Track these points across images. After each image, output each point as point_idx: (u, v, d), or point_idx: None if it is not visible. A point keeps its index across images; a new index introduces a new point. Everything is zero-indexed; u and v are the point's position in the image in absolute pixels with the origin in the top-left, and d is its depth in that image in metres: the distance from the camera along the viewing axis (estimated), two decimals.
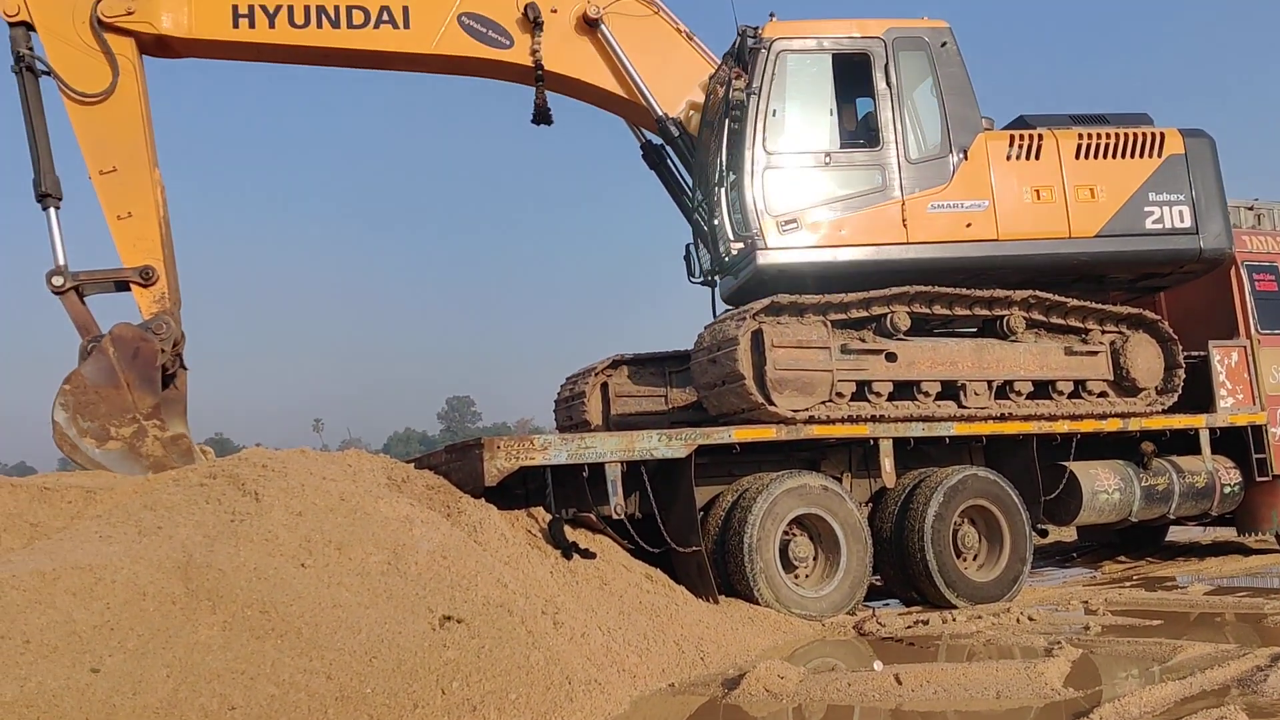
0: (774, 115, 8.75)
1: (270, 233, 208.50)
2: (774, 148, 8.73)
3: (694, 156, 9.46)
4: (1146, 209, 9.46)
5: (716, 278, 9.77)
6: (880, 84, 9.04)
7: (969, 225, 9.03)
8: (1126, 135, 9.58)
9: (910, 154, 8.99)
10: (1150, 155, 9.58)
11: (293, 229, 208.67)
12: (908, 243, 8.87)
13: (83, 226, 8.86)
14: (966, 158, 9.13)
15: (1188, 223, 9.52)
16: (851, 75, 9.15)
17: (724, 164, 8.80)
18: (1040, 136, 9.42)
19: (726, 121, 8.65)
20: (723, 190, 8.90)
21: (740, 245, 8.79)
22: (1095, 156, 9.45)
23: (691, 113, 9.48)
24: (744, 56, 8.75)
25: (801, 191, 8.76)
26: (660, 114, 9.34)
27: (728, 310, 9.12)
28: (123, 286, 8.13)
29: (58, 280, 7.93)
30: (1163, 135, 9.67)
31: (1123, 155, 9.52)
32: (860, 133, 9.36)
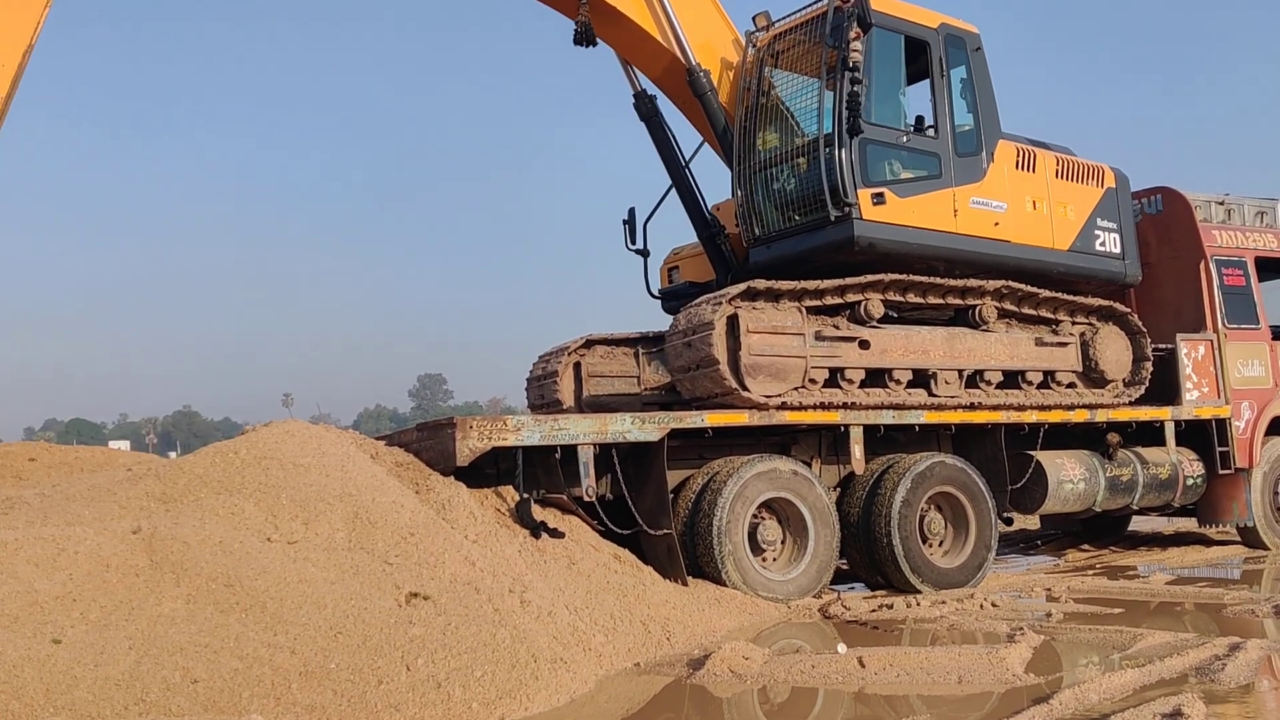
0: (867, 87, 8.68)
1: (240, 205, 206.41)
2: (869, 119, 8.64)
3: (724, 119, 9.36)
4: (1095, 232, 10.06)
5: (742, 245, 9.51)
6: (936, 75, 9.16)
7: (996, 224, 9.31)
8: (1084, 165, 10.11)
9: (958, 148, 9.17)
10: (1097, 184, 10.18)
11: (265, 202, 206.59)
12: (957, 233, 9.05)
13: None
14: (994, 160, 9.36)
15: (1118, 250, 10.19)
16: (912, 61, 9.23)
17: (821, 125, 8.66)
18: (1034, 153, 9.72)
19: (840, 83, 8.44)
20: (820, 151, 8.59)
21: (838, 212, 8.49)
22: (1066, 179, 9.94)
23: (726, 73, 9.46)
24: (866, 19, 8.47)
25: (887, 167, 8.84)
26: (694, 63, 9.27)
27: (701, 293, 9.08)
28: None
29: None
30: (1103, 169, 10.25)
31: (1082, 181, 10.06)
32: (919, 120, 9.46)
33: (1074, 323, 9.84)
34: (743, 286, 8.22)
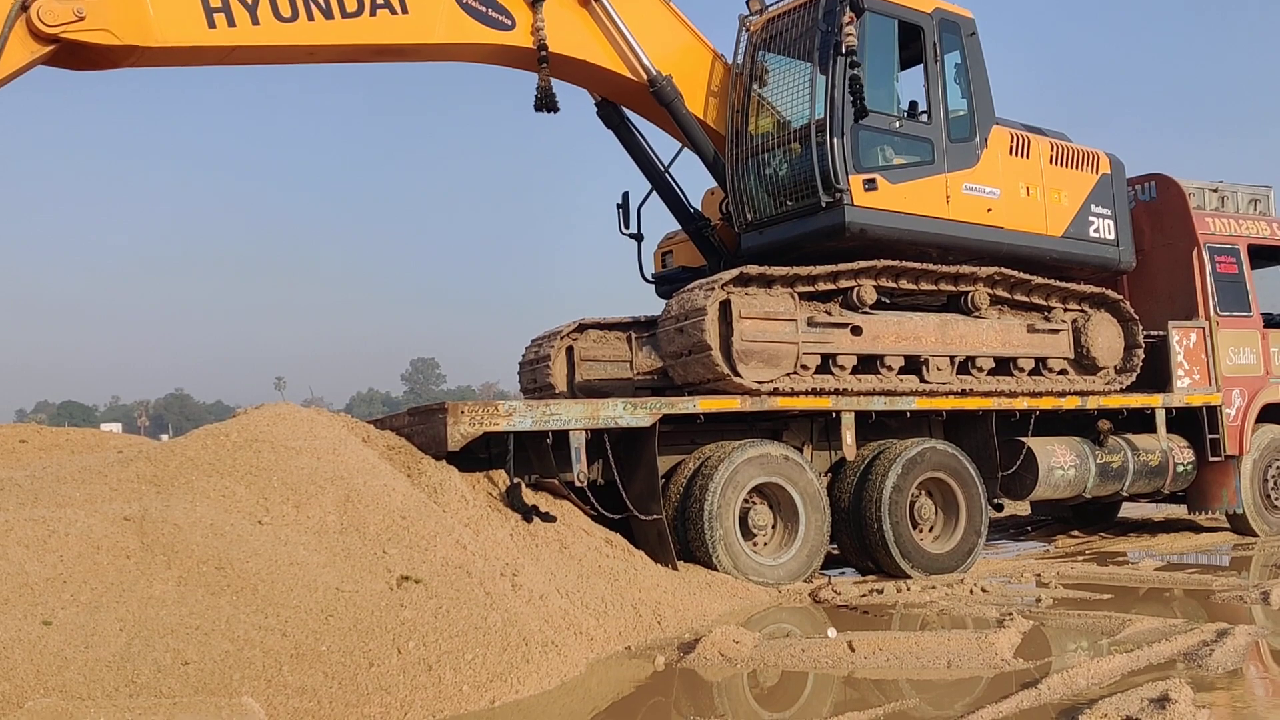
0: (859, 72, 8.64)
1: (233, 189, 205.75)
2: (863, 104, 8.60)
3: (695, 124, 9.20)
4: (1089, 219, 10.06)
5: (737, 233, 9.39)
6: (930, 60, 9.13)
7: (989, 210, 9.32)
8: (1078, 151, 10.10)
9: (951, 134, 9.15)
10: (1092, 171, 10.17)
11: (259, 186, 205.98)
12: (950, 219, 9.05)
13: None
14: (987, 145, 9.35)
15: (1112, 236, 10.20)
16: (905, 46, 9.20)
17: (813, 111, 8.59)
18: (1029, 139, 9.71)
19: (834, 67, 8.44)
20: (812, 137, 8.53)
21: (829, 198, 8.46)
22: (1061, 165, 9.93)
23: (692, 78, 9.31)
24: (859, 4, 8.44)
25: (879, 153, 8.82)
26: (655, 73, 8.89)
27: (696, 279, 9.06)
28: None
29: None
30: (1098, 155, 10.25)
31: (1076, 167, 10.05)
32: (912, 105, 9.43)
33: (1066, 309, 9.86)
34: (735, 272, 8.21)
